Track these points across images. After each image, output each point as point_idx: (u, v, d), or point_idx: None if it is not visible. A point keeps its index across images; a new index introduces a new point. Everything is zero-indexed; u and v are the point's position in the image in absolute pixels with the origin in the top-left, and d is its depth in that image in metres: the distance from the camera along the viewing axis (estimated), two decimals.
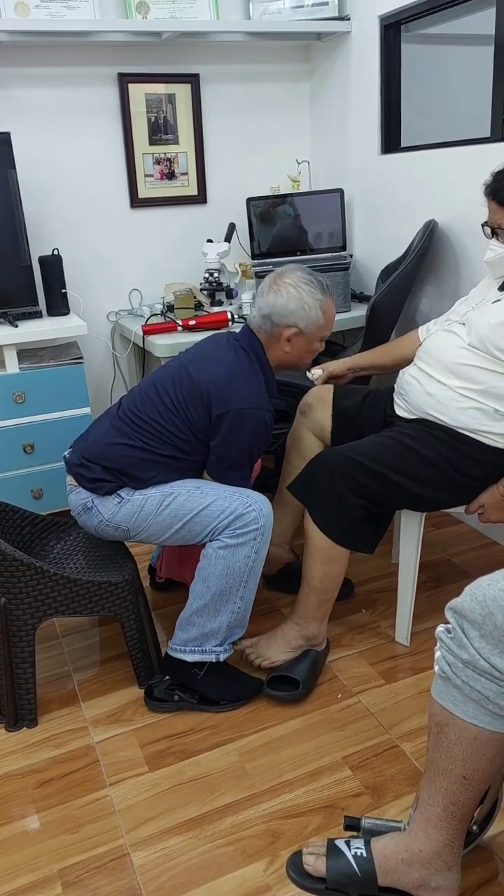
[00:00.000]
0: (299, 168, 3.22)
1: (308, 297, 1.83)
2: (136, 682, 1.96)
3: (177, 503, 1.80)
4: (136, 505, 1.81)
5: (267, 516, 1.79)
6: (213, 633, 1.83)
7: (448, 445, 1.85)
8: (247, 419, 1.77)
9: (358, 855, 1.32)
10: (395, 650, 2.07)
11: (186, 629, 1.85)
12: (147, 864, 1.48)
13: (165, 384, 1.85)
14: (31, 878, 1.46)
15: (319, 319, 1.85)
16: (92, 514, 1.85)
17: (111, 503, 1.83)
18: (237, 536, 1.77)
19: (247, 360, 1.86)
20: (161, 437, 1.81)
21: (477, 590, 1.15)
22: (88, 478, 1.84)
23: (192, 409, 1.80)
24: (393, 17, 2.61)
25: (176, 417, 1.81)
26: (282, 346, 1.88)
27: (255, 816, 1.57)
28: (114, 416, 1.89)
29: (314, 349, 1.92)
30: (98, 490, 1.83)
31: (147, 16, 2.70)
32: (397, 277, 2.42)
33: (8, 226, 2.56)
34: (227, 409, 1.76)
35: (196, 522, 1.79)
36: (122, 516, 1.82)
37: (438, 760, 1.23)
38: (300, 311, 1.83)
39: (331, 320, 1.89)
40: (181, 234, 3.10)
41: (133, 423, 1.84)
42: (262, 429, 1.81)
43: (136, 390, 1.91)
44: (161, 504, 1.80)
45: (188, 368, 1.84)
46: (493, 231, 1.82)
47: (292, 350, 1.88)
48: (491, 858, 1.46)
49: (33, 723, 1.86)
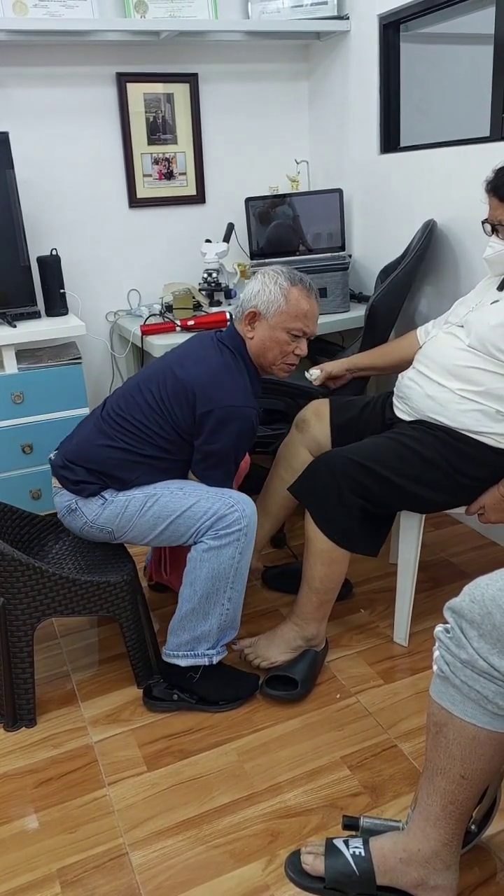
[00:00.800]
0: (298, 168, 3.22)
1: (270, 282, 1.84)
2: (135, 683, 1.96)
3: (160, 504, 1.80)
4: (119, 506, 1.81)
5: (250, 516, 1.79)
6: (204, 637, 1.83)
7: (449, 446, 1.85)
8: (232, 418, 1.77)
9: (356, 854, 1.32)
10: (394, 650, 2.07)
11: (178, 634, 1.85)
12: (146, 864, 1.48)
13: (150, 384, 1.85)
14: (30, 877, 1.46)
15: (280, 304, 1.82)
16: (76, 516, 1.86)
17: (95, 505, 1.83)
18: (220, 537, 1.77)
19: (231, 358, 1.85)
20: (144, 437, 1.81)
21: (476, 590, 1.15)
22: (72, 480, 1.84)
23: (177, 408, 1.79)
24: (392, 17, 2.61)
25: (160, 417, 1.81)
26: (246, 330, 1.87)
27: (254, 816, 1.58)
28: (98, 418, 1.89)
29: (280, 341, 1.85)
30: (81, 492, 1.83)
31: (145, 15, 2.70)
32: (396, 277, 2.42)
33: (6, 226, 2.56)
34: (212, 407, 1.76)
35: (179, 524, 1.79)
36: (106, 518, 1.83)
37: (437, 760, 1.23)
38: (260, 294, 1.84)
39: (298, 311, 1.84)
40: (180, 235, 3.10)
41: (117, 423, 1.84)
42: (248, 427, 1.80)
43: (119, 391, 1.91)
44: (144, 505, 1.80)
45: (172, 368, 1.84)
46: (493, 228, 1.82)
47: (255, 336, 1.86)
48: (489, 858, 1.46)
49: (32, 723, 1.86)
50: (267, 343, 1.86)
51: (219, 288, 2.86)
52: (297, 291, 1.84)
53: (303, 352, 1.89)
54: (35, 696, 1.87)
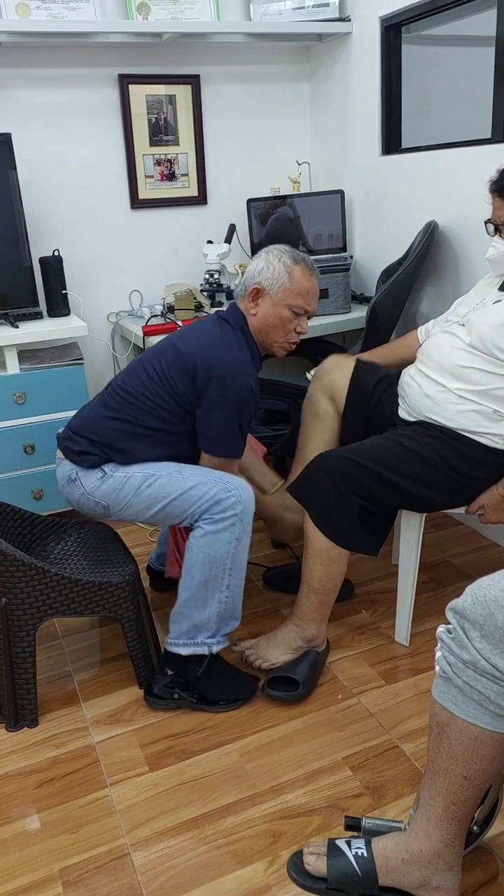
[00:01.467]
0: (299, 169, 3.23)
1: (274, 259, 1.87)
2: (137, 682, 1.96)
3: (157, 485, 1.81)
4: (118, 482, 1.83)
5: (246, 502, 1.80)
6: (203, 625, 1.84)
7: (447, 446, 1.85)
8: (230, 383, 1.78)
9: (359, 855, 1.32)
10: (395, 651, 2.07)
11: (178, 622, 1.86)
12: (147, 864, 1.48)
13: (153, 360, 1.88)
14: (32, 877, 1.46)
15: (283, 281, 1.85)
16: (75, 486, 1.87)
17: (94, 477, 1.85)
18: (216, 522, 1.78)
19: (231, 332, 1.88)
20: (146, 408, 1.84)
21: (478, 590, 1.15)
22: (74, 450, 1.87)
23: (178, 379, 1.81)
24: (394, 19, 2.61)
25: (161, 388, 1.83)
26: (249, 306, 1.89)
27: (256, 816, 1.58)
28: (104, 394, 1.93)
29: (283, 317, 1.87)
30: (82, 462, 1.86)
31: (148, 17, 2.71)
32: (398, 278, 2.42)
33: (9, 227, 2.56)
34: (212, 374, 1.77)
35: (175, 506, 1.80)
36: (104, 491, 1.84)
37: (439, 761, 1.23)
38: (264, 270, 1.87)
39: (301, 288, 1.86)
40: (181, 236, 3.11)
41: (120, 396, 1.87)
42: (248, 392, 1.80)
43: (124, 371, 1.94)
44: (142, 484, 1.82)
45: (174, 342, 1.88)
46: (496, 228, 1.82)
47: (258, 311, 1.88)
48: (491, 859, 1.46)
49: (34, 723, 1.86)
50: (270, 319, 1.88)
51: (220, 289, 2.86)
52: (300, 269, 1.87)
53: (304, 329, 1.92)
54: (37, 696, 1.87)
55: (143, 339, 2.64)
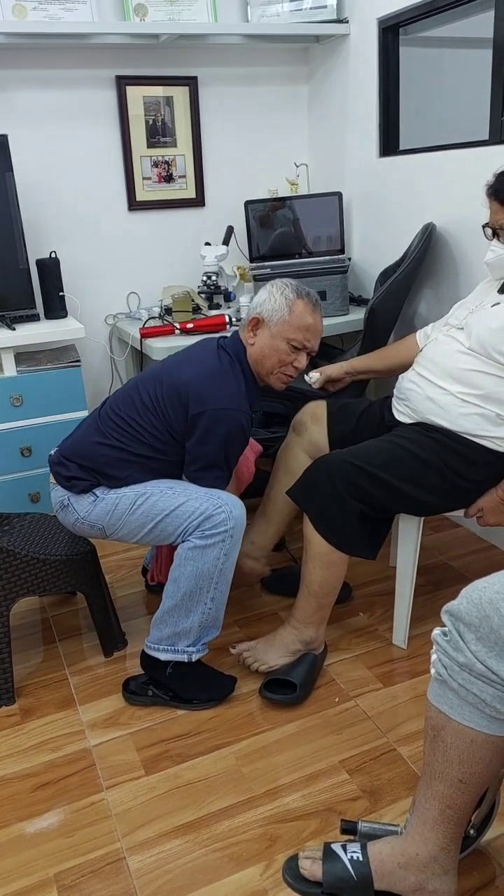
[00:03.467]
0: (297, 171, 3.23)
1: (277, 292, 1.87)
2: (102, 653, 2.09)
3: (149, 503, 1.81)
4: (110, 504, 1.83)
5: (237, 518, 1.79)
6: (184, 633, 1.84)
7: (447, 449, 1.85)
8: (222, 420, 1.78)
9: (354, 859, 1.31)
10: (393, 654, 2.07)
11: (160, 628, 1.86)
12: (143, 869, 1.47)
13: (147, 384, 1.87)
14: (27, 881, 1.46)
15: (283, 313, 1.85)
16: (68, 512, 1.88)
17: (86, 501, 1.85)
18: (206, 537, 1.77)
19: (228, 362, 1.87)
20: (138, 436, 1.83)
21: (473, 593, 1.15)
22: (65, 476, 1.87)
23: (170, 408, 1.81)
24: (391, 20, 2.61)
25: (153, 416, 1.83)
26: (248, 336, 1.89)
27: (252, 820, 1.57)
28: (96, 416, 1.92)
29: (279, 350, 1.86)
30: (73, 488, 1.86)
31: (145, 18, 2.71)
32: (395, 280, 2.42)
33: (5, 229, 2.56)
34: (204, 408, 1.77)
35: (168, 523, 1.80)
36: (97, 515, 1.84)
37: (435, 764, 1.23)
38: (266, 302, 1.87)
39: (302, 323, 1.86)
40: (179, 237, 3.11)
41: (112, 422, 1.86)
42: (238, 431, 1.80)
43: (120, 391, 1.94)
44: (134, 503, 1.82)
45: (170, 369, 1.87)
46: (494, 232, 1.81)
47: (257, 342, 1.88)
48: (488, 862, 1.45)
49: (11, 701, 1.93)
50: (266, 351, 1.87)
51: (218, 291, 2.86)
52: (303, 304, 1.87)
53: (301, 365, 1.90)
54: (13, 675, 1.95)
55: (140, 341, 2.63)
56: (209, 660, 1.97)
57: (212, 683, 1.91)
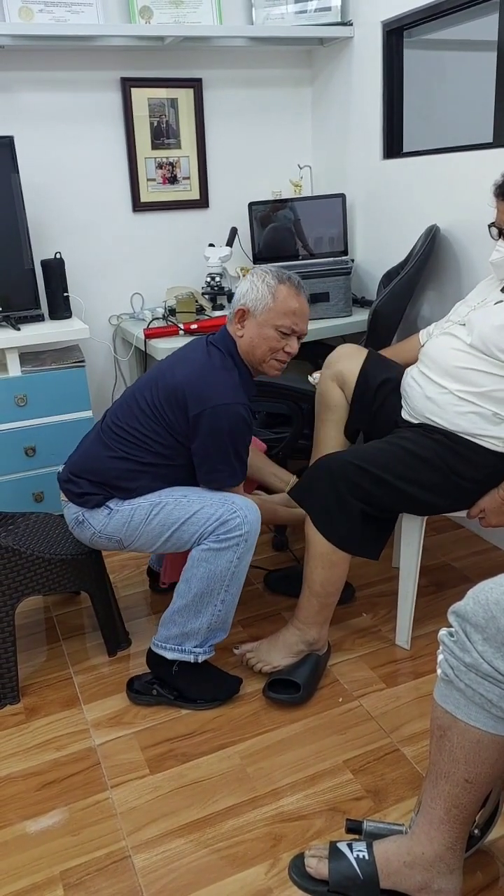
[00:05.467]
0: (301, 173, 3.23)
1: (258, 280, 1.86)
2: (107, 652, 2.09)
3: (165, 512, 1.81)
4: (125, 515, 1.83)
5: (252, 523, 1.79)
6: (193, 634, 1.84)
7: (448, 449, 1.85)
8: (223, 416, 1.77)
9: (360, 857, 1.32)
10: (396, 654, 2.07)
11: (168, 627, 1.87)
12: (148, 867, 1.48)
13: (143, 392, 1.87)
14: (33, 879, 1.46)
15: (267, 301, 1.83)
16: (84, 528, 1.88)
17: (101, 515, 1.85)
18: (221, 541, 1.78)
19: (219, 357, 1.86)
20: (142, 444, 1.83)
21: (480, 593, 1.15)
22: (76, 493, 1.87)
23: (170, 412, 1.81)
24: (395, 23, 2.62)
25: (154, 422, 1.82)
26: (236, 328, 1.88)
27: (257, 819, 1.57)
28: (98, 430, 1.92)
29: (269, 337, 1.85)
30: (86, 504, 1.86)
31: (150, 21, 2.72)
32: (399, 282, 2.42)
33: (11, 229, 2.57)
34: (203, 408, 1.76)
35: (184, 531, 1.80)
36: (113, 527, 1.84)
37: (441, 764, 1.23)
38: (249, 292, 1.86)
39: (287, 308, 1.84)
40: (183, 239, 3.11)
41: (115, 433, 1.86)
42: (240, 423, 1.80)
43: (118, 402, 1.93)
44: (150, 513, 1.82)
45: (164, 372, 1.86)
46: (500, 232, 1.82)
47: (245, 333, 1.87)
48: (492, 862, 1.46)
49: (16, 700, 1.95)
50: (255, 340, 1.86)
51: (222, 292, 2.87)
52: (286, 289, 1.85)
53: (293, 350, 1.89)
54: (18, 674, 1.95)
55: (144, 341, 2.64)
56: (214, 660, 1.98)
57: (217, 683, 1.91)
